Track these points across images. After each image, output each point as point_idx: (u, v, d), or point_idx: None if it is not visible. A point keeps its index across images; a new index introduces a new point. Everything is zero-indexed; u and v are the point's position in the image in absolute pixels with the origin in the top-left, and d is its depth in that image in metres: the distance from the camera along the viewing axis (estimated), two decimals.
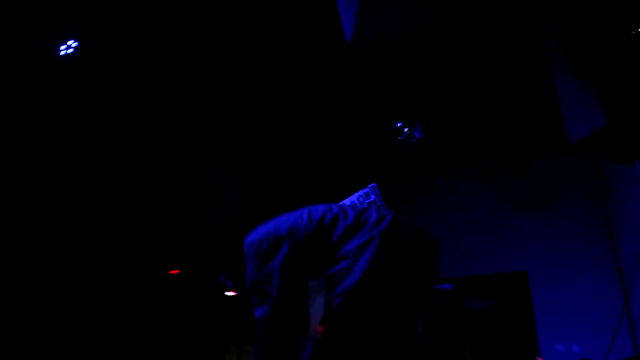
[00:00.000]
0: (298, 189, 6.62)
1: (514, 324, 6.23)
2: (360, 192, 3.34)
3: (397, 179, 6.54)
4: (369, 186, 3.30)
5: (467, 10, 4.03)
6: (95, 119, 5.51)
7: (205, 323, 8.06)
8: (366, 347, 2.33)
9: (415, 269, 2.39)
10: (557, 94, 2.76)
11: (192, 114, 5.72)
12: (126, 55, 5.08)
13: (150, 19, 4.75)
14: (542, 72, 3.63)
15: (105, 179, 6.08)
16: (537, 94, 4.87)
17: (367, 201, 3.28)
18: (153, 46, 5.05)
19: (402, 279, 2.33)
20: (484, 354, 6.53)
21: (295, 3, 4.56)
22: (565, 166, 6.09)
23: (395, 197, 3.43)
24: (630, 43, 2.42)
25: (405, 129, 5.26)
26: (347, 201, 3.37)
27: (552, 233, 6.02)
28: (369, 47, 4.26)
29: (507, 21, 4.34)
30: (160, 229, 6.77)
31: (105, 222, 6.41)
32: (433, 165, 6.52)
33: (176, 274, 7.55)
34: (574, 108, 2.60)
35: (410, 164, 6.46)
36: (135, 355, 6.76)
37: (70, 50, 4.85)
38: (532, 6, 3.73)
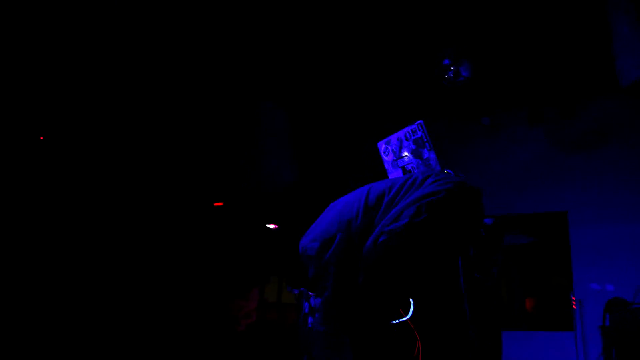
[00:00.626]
0: (346, 124, 6.74)
1: (551, 262, 6.38)
2: (407, 129, 3.45)
3: (444, 117, 6.60)
4: (416, 123, 3.39)
5: None
6: (145, 42, 5.60)
7: (246, 254, 8.32)
8: (404, 284, 2.50)
9: (459, 221, 2.50)
10: (612, 37, 2.76)
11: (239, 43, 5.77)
12: None
13: None
14: (598, 14, 3.58)
15: (154, 105, 6.22)
16: (591, 36, 4.78)
17: (413, 137, 3.39)
18: None
19: (445, 231, 2.45)
20: (519, 292, 6.73)
21: None
22: (616, 112, 6.02)
23: (442, 135, 3.52)
24: None
25: (453, 67, 5.22)
26: (393, 137, 3.49)
27: (596, 176, 6.03)
28: None
29: None
30: (206, 161, 6.94)
31: (154, 152, 6.58)
32: (480, 105, 6.52)
33: (220, 206, 7.80)
34: (628, 52, 2.62)
35: (458, 103, 6.47)
36: (175, 285, 6.98)
37: None
38: None
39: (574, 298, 5.90)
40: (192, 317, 7.18)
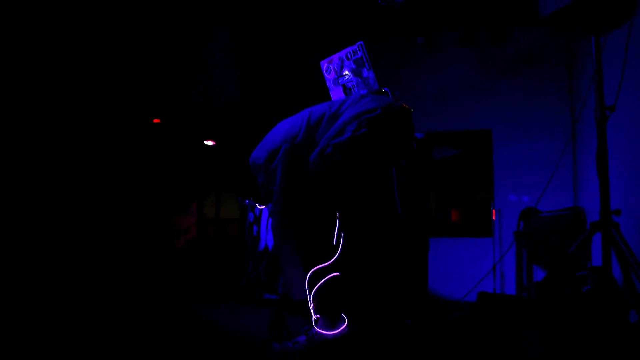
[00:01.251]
0: (287, 43, 6.83)
1: (476, 176, 6.92)
2: (348, 49, 3.68)
3: (380, 37, 6.79)
4: (357, 44, 3.63)
5: None
6: None
7: (184, 170, 8.41)
8: (346, 190, 2.85)
9: (393, 134, 2.86)
10: None
11: None
12: None
13: None
14: None
15: (97, 21, 6.06)
16: None
17: (354, 57, 3.63)
18: None
19: (382, 143, 2.81)
20: (446, 203, 7.27)
21: None
22: (538, 39, 6.40)
23: (379, 54, 3.75)
24: None
25: None
26: (335, 57, 3.71)
27: (519, 98, 6.50)
28: None
29: None
30: (145, 78, 6.86)
31: (96, 68, 6.42)
32: (415, 27, 6.73)
33: (157, 122, 7.81)
34: None
35: (393, 24, 6.66)
36: (114, 199, 6.95)
37: None
38: None
39: (485, 210, 6.52)
40: (132, 233, 7.30)
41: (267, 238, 4.71)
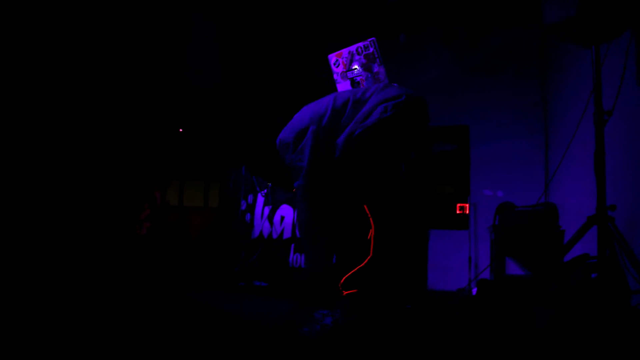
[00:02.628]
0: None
1: (453, 171, 7.15)
2: (359, 44, 3.87)
3: (363, 34, 6.96)
4: (369, 40, 3.83)
5: None
6: None
7: (147, 157, 8.34)
8: (372, 170, 3.08)
9: (413, 120, 3.13)
10: None
11: None
12: None
13: None
14: None
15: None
16: None
17: (365, 52, 3.80)
18: None
19: (404, 127, 3.07)
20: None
21: None
22: (518, 42, 6.75)
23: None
24: None
25: None
26: (345, 51, 3.88)
27: (496, 97, 6.80)
28: None
29: None
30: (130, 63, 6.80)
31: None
32: (400, 25, 6.94)
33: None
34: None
35: (379, 22, 6.84)
36: (77, 185, 6.73)
37: None
38: None
39: (461, 204, 6.77)
40: (94, 219, 7.15)
41: (262, 226, 4.82)
